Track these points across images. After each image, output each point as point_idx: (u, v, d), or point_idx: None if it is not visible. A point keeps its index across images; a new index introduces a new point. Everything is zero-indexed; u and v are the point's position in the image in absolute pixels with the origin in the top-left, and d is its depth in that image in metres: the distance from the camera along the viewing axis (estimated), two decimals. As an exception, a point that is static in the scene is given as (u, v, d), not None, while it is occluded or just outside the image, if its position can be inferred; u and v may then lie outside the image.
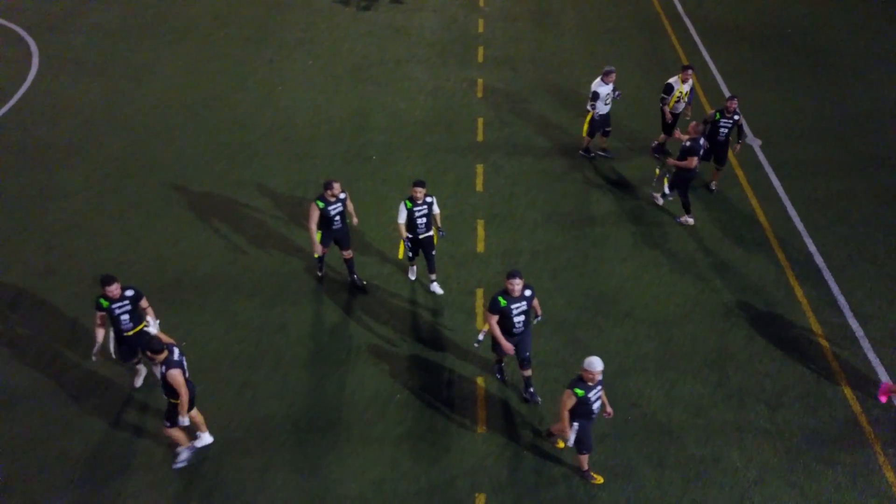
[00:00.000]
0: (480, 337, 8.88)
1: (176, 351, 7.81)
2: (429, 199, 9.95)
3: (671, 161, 11.72)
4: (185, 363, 7.86)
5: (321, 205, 9.90)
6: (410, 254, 10.43)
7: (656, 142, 13.58)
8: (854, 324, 10.38)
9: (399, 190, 12.69)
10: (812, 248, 11.71)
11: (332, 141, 14.10)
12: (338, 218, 10.11)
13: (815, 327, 10.34)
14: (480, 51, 17.26)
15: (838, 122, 14.73)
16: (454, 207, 12.34)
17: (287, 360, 9.76)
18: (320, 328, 10.23)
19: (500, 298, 8.21)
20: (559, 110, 15.05)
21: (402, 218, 9.90)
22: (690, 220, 12.07)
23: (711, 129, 12.07)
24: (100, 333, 8.64)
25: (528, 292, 8.35)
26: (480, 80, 16.06)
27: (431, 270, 10.60)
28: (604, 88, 12.66)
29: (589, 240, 11.82)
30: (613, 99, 12.90)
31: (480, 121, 14.69)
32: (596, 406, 7.65)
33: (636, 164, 13.47)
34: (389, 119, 14.76)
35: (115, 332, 8.78)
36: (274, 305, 10.54)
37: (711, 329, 10.30)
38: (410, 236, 10.11)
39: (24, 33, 17.68)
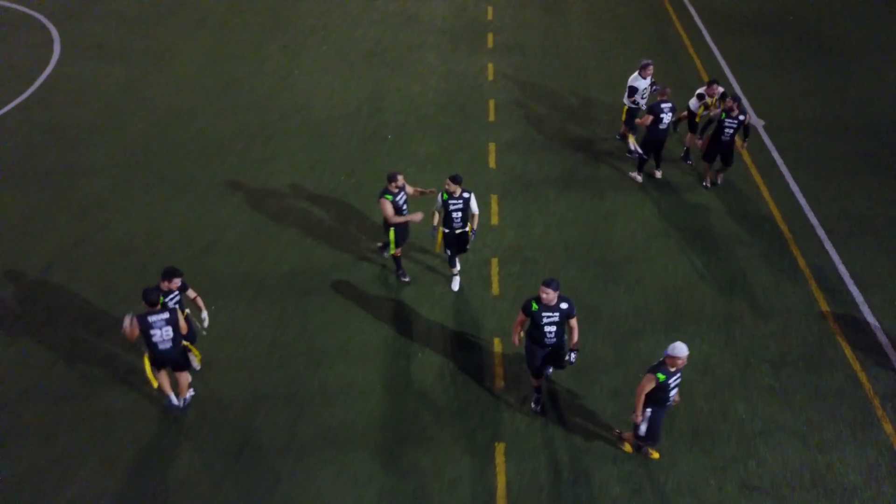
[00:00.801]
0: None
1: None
2: (465, 195, 10.00)
3: (638, 121, 12.41)
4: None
5: (389, 197, 10.00)
6: (448, 251, 10.49)
7: (686, 146, 13.52)
8: (854, 290, 10.84)
9: (415, 167, 13.16)
10: (814, 221, 12.17)
11: (348, 122, 14.55)
12: (405, 208, 10.25)
13: (818, 294, 10.80)
14: (490, 37, 17.71)
15: (839, 104, 15.20)
16: (468, 183, 12.66)
17: (313, 323, 10.20)
18: (343, 294, 10.67)
19: (533, 302, 8.22)
20: (567, 93, 15.51)
21: (438, 205, 10.02)
22: (639, 178, 12.94)
23: (716, 128, 12.16)
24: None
25: (564, 305, 8.22)
26: (491, 65, 16.51)
27: (452, 265, 10.72)
28: (641, 83, 12.72)
29: (599, 213, 12.27)
30: (651, 93, 12.87)
31: (492, 102, 15.15)
32: (672, 394, 7.73)
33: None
34: (403, 101, 15.21)
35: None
36: (298, 273, 10.99)
37: (718, 296, 10.75)
38: (447, 230, 10.20)
39: (45, 20, 18.12)
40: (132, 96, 15.26)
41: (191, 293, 8.93)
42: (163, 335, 8.24)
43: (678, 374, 7.65)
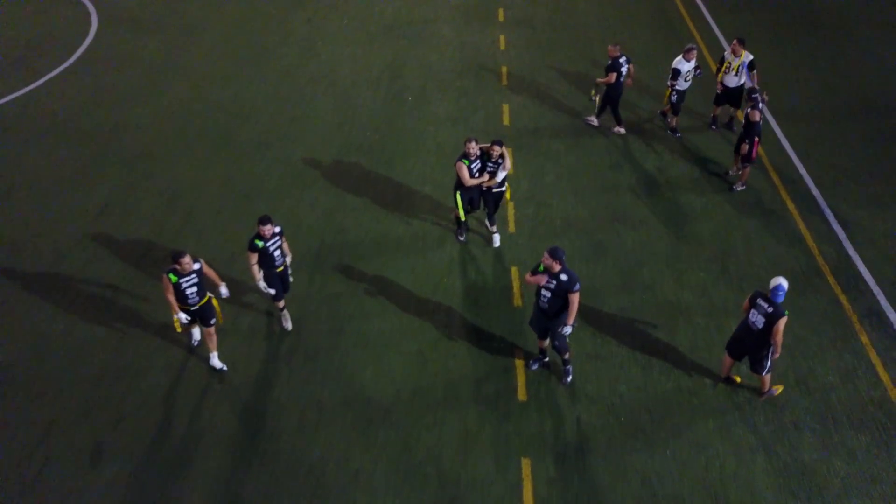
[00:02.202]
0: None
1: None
2: (501, 160, 10.73)
3: (599, 80, 13.48)
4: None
5: (466, 162, 10.57)
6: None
7: (713, 115, 14.25)
8: (838, 228, 11.93)
9: (435, 125, 14.27)
10: (802, 171, 13.26)
11: (371, 86, 15.64)
12: (476, 175, 10.75)
13: (805, 232, 11.89)
14: (501, 12, 18.78)
15: (830, 74, 16.27)
16: (485, 140, 13.85)
17: (347, 258, 11.29)
18: (372, 233, 11.76)
19: (540, 265, 8.66)
20: (575, 61, 16.61)
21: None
22: (622, 130, 14.01)
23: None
24: (255, 271, 9.24)
25: (563, 276, 8.45)
26: (502, 37, 17.60)
27: (491, 223, 11.50)
28: (685, 65, 13.16)
29: (606, 164, 13.36)
30: (694, 76, 13.38)
31: (504, 69, 16.24)
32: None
33: (644, 108, 14.99)
34: (422, 68, 16.30)
35: (268, 269, 9.31)
36: (333, 213, 12.08)
37: (715, 234, 11.83)
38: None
39: (80, -4, 19.22)
40: (169, 64, 16.35)
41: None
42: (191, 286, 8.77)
43: None
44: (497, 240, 11.55)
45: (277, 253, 9.34)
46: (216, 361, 9.41)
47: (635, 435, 8.78)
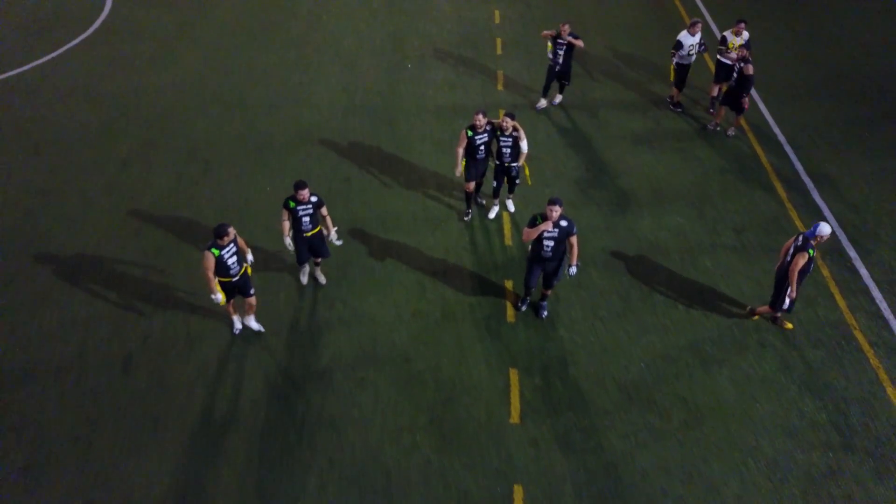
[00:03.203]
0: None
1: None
2: (515, 134, 10.76)
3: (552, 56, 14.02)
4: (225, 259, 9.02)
5: (470, 133, 10.78)
6: (494, 182, 11.42)
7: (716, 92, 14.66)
8: (807, 180, 12.88)
9: (433, 89, 15.21)
10: (777, 130, 14.23)
11: (374, 55, 16.58)
12: (482, 148, 10.94)
13: (776, 183, 12.83)
14: (497, -11, 19.73)
15: (808, 46, 17.22)
16: (480, 102, 14.83)
17: (353, 203, 12.23)
18: (375, 182, 12.69)
19: (538, 217, 9.17)
20: (567, 34, 17.55)
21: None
22: (544, 103, 14.55)
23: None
24: (285, 227, 9.76)
25: (563, 223, 9.07)
26: (497, 11, 18.53)
27: (495, 195, 11.68)
28: (689, 39, 13.58)
29: (593, 124, 14.31)
30: (698, 52, 13.80)
31: (499, 40, 17.19)
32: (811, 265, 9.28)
33: (634, 75, 15.94)
34: (422, 39, 17.24)
35: (295, 232, 9.78)
36: (340, 164, 13.03)
37: (693, 184, 12.78)
38: (497, 163, 11.13)
39: (96, -26, 20.11)
40: (183, 36, 17.28)
41: (324, 211, 9.82)
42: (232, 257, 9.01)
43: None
44: (494, 212, 11.78)
45: (307, 219, 9.62)
46: (253, 323, 9.85)
47: (613, 351, 9.73)
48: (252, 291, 9.53)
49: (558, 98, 14.75)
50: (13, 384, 9.14)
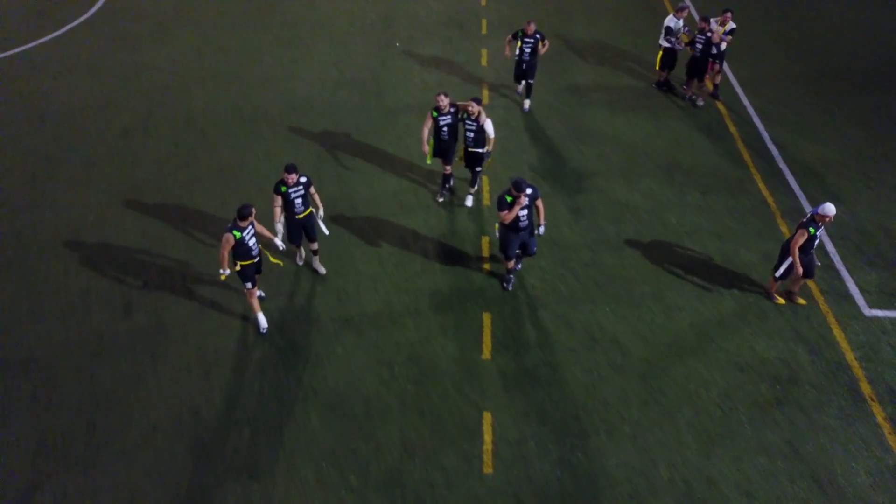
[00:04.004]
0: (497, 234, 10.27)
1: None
2: (480, 119, 10.94)
3: (507, 53, 14.35)
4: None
5: (435, 114, 11.07)
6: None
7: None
8: (772, 147, 13.58)
9: (421, 65, 15.90)
10: (747, 103, 14.93)
11: (364, 35, 17.28)
12: (445, 129, 11.16)
13: (742, 149, 13.53)
14: (485, -26, 20.42)
15: (782, 25, 17.92)
16: (465, 76, 15.54)
17: (342, 170, 12.92)
18: (364, 149, 13.38)
19: (507, 197, 9.56)
20: (551, 15, 18.25)
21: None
22: (528, 103, 14.53)
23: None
24: (277, 212, 9.80)
25: (529, 191, 9.55)
26: (485, -6, 19.29)
27: (471, 185, 11.93)
28: (676, 23, 14.23)
29: (574, 97, 15.01)
30: (683, 33, 14.36)
31: (484, 21, 17.90)
32: (815, 243, 9.63)
33: (610, 57, 16.63)
34: (410, 19, 17.96)
35: (288, 214, 9.87)
36: (330, 133, 13.72)
37: (664, 150, 13.47)
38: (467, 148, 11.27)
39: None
40: (181, 16, 17.99)
41: (312, 190, 9.98)
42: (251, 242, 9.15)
43: (821, 229, 9.51)
44: (470, 200, 11.99)
45: (299, 201, 9.76)
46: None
47: (581, 297, 10.42)
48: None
49: (527, 104, 14.47)
50: (20, 324, 9.85)
